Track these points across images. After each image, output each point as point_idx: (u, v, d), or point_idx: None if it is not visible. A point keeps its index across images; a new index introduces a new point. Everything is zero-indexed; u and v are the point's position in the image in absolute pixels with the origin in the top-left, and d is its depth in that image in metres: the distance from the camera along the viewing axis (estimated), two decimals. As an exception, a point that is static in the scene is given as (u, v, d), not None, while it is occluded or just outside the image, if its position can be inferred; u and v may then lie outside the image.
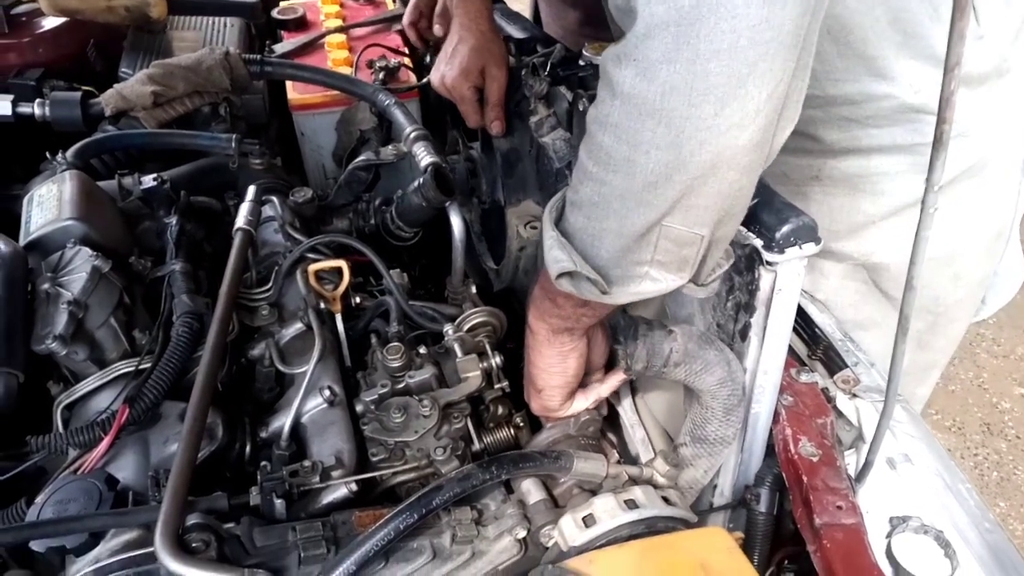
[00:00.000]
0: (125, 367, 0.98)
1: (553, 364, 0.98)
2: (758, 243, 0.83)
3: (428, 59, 1.76)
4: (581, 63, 1.17)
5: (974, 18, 1.02)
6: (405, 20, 1.70)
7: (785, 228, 0.82)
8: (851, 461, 1.00)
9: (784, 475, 1.00)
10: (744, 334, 0.91)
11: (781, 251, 0.82)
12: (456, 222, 1.29)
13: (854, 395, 1.06)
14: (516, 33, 1.49)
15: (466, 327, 1.15)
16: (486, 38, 1.34)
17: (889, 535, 0.91)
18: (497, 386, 1.10)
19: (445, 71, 1.35)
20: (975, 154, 1.13)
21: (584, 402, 1.04)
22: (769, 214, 0.83)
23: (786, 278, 0.85)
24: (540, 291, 0.94)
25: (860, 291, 1.25)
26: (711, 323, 0.99)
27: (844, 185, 1.15)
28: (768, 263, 0.83)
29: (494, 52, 1.34)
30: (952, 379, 2.76)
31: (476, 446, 1.06)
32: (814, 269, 1.23)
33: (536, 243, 1.35)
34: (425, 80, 1.42)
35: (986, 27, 1.04)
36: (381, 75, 1.59)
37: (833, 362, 1.11)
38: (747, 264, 0.87)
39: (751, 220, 0.84)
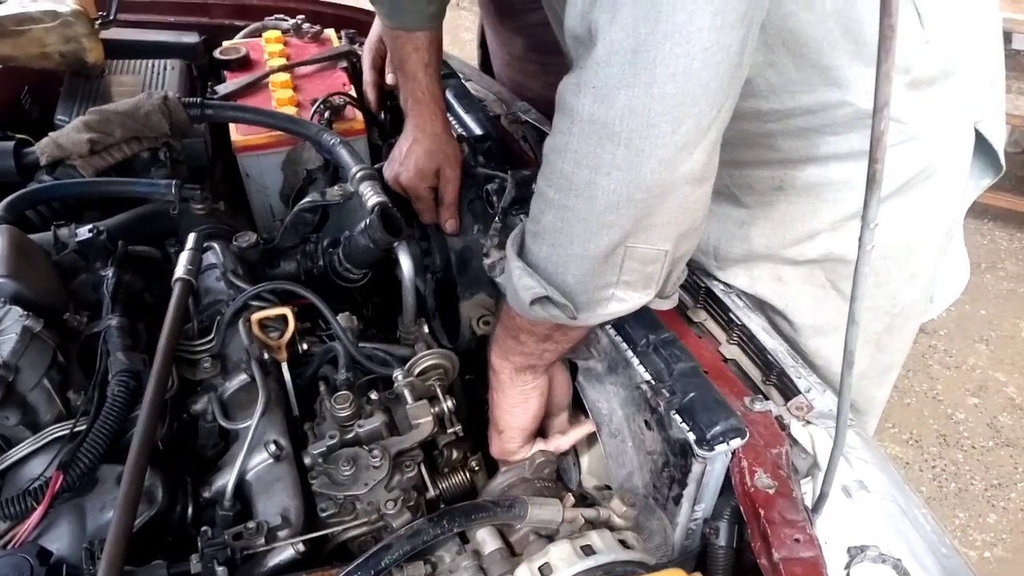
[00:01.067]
0: (59, 430, 0.94)
1: (516, 404, 1.01)
2: (691, 438, 0.94)
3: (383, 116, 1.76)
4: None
5: (919, 22, 1.05)
6: (365, 79, 1.72)
7: (716, 429, 0.93)
8: (807, 490, 1.00)
9: (741, 508, 0.99)
10: (677, 500, 1.01)
11: (711, 448, 0.93)
12: (405, 262, 1.28)
13: (808, 422, 1.06)
14: (470, 122, 1.57)
15: (416, 371, 1.13)
16: (440, 140, 1.39)
17: (848, 566, 0.91)
18: (450, 430, 1.08)
19: (400, 171, 1.40)
20: (926, 156, 1.16)
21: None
22: (703, 412, 0.95)
23: (714, 464, 0.97)
24: (503, 330, 0.97)
25: (818, 296, 1.26)
26: (648, 482, 1.06)
27: (807, 194, 1.18)
28: (699, 456, 0.94)
29: (448, 154, 1.39)
30: (907, 392, 2.80)
31: (430, 493, 1.04)
32: (772, 276, 1.26)
33: (486, 337, 1.40)
34: (378, 167, 1.44)
35: (931, 31, 1.06)
36: (327, 114, 1.57)
37: (787, 388, 1.11)
38: (681, 451, 0.98)
39: (688, 413, 0.95)
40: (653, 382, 1.02)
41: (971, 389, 2.80)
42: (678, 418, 0.97)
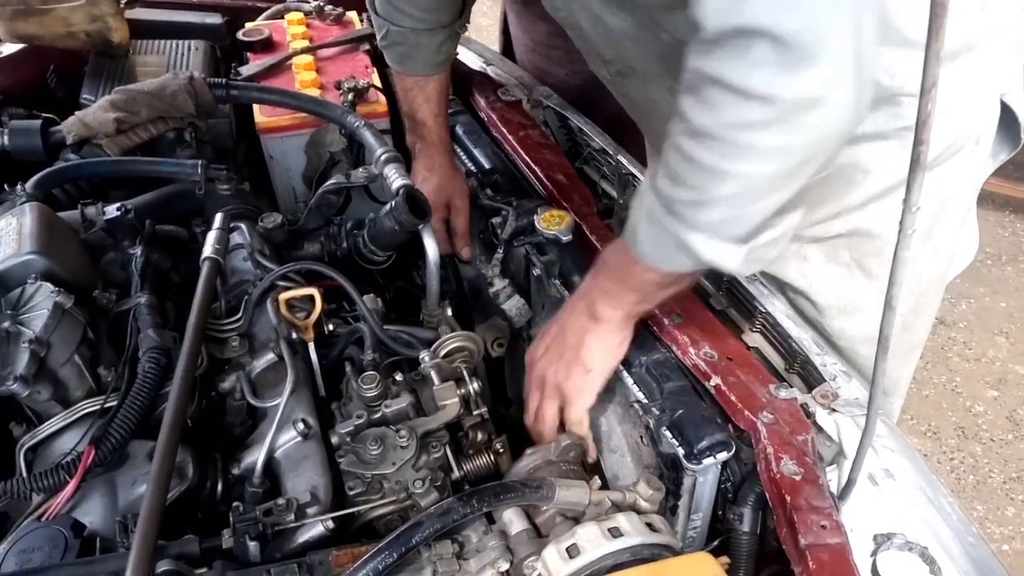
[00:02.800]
0: (90, 406, 0.95)
1: (612, 346, 1.07)
2: (680, 452, 0.99)
3: None
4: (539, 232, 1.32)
5: None
6: None
7: (703, 443, 0.98)
8: (833, 477, 1.00)
9: (767, 495, 0.99)
10: (674, 511, 1.07)
11: (699, 461, 0.99)
12: (430, 245, 1.28)
13: (833, 410, 1.05)
14: (479, 156, 1.63)
15: (442, 353, 1.13)
16: (448, 176, 1.50)
17: (874, 553, 0.91)
18: (476, 412, 1.08)
19: None
20: (954, 131, 1.15)
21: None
22: (691, 428, 1.00)
23: (705, 475, 1.02)
24: (613, 285, 1.02)
25: (842, 275, 1.26)
26: None
27: (837, 176, 1.17)
28: (688, 469, 1.00)
29: (457, 188, 1.49)
30: (925, 384, 2.78)
31: (456, 474, 1.04)
32: (797, 256, 1.27)
33: (501, 358, 1.48)
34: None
35: (954, 3, 1.05)
36: (350, 96, 1.57)
37: (811, 376, 1.11)
38: (672, 465, 1.03)
39: (677, 429, 1.01)
40: (644, 401, 1.07)
41: (990, 382, 2.77)
42: (668, 434, 1.01)
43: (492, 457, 1.09)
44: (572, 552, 0.83)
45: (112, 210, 1.20)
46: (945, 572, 0.89)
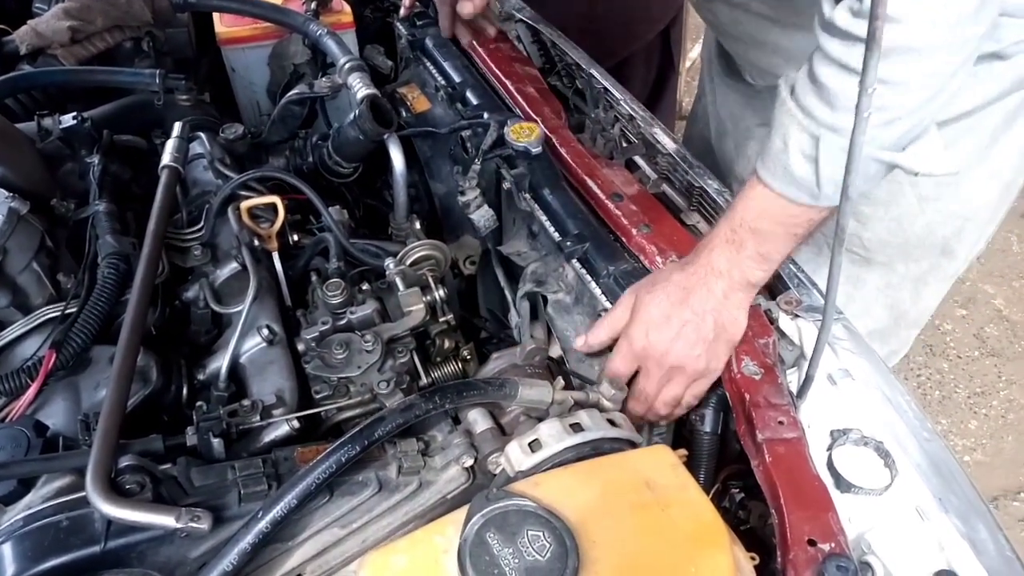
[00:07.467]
0: (51, 312, 0.94)
1: (748, 306, 1.03)
2: None
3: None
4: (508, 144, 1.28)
5: None
6: None
7: None
8: (793, 379, 1.01)
9: (728, 394, 1.01)
10: None
11: None
12: (396, 155, 1.26)
13: (796, 315, 1.07)
14: (449, 69, 1.55)
15: (408, 261, 1.13)
16: None
17: (830, 447, 0.93)
18: (442, 319, 1.08)
19: None
20: None
21: None
22: None
23: None
24: (776, 243, 0.98)
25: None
26: None
27: None
28: None
29: None
30: (896, 303, 2.82)
31: (423, 380, 1.05)
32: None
33: (473, 276, 1.42)
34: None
35: None
36: (312, 5, 1.52)
37: (776, 284, 1.12)
38: None
39: None
40: None
41: (960, 301, 2.81)
42: None
43: (459, 364, 1.11)
44: (534, 446, 0.84)
45: (68, 120, 1.17)
46: (899, 465, 0.91)
